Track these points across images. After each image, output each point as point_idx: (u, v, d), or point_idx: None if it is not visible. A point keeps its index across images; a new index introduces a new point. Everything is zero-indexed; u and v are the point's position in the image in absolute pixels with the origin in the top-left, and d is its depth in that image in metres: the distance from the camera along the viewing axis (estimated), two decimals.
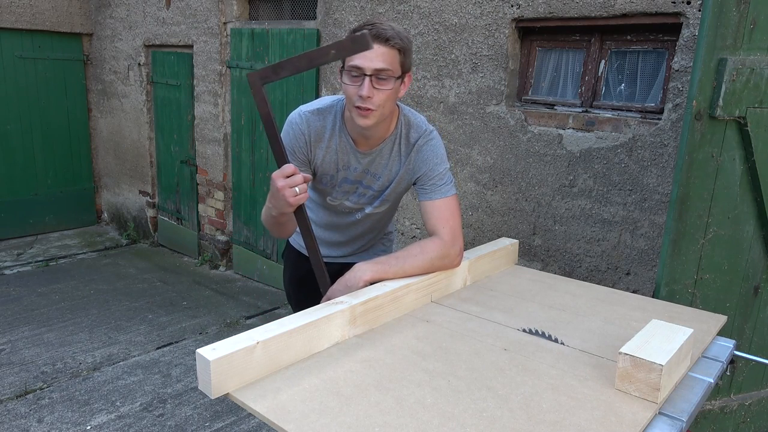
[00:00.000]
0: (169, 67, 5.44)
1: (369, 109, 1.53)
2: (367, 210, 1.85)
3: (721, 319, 1.62)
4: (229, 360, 1.16)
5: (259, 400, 1.14)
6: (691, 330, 1.30)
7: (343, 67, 1.57)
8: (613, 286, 2.71)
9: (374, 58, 1.50)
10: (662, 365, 1.13)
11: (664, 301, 1.79)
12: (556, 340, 1.44)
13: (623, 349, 1.19)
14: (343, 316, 1.39)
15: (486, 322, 1.54)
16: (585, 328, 1.52)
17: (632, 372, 1.18)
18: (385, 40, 1.50)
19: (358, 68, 1.51)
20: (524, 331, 1.49)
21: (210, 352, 1.15)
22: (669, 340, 1.24)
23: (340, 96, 1.75)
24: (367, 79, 1.50)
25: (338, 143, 1.72)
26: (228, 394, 1.17)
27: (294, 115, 1.72)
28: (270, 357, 1.24)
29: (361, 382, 1.22)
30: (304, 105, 1.75)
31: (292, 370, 1.26)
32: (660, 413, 1.16)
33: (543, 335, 1.47)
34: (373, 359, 1.32)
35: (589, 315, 1.62)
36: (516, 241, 2.06)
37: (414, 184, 1.77)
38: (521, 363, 1.32)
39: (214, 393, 1.15)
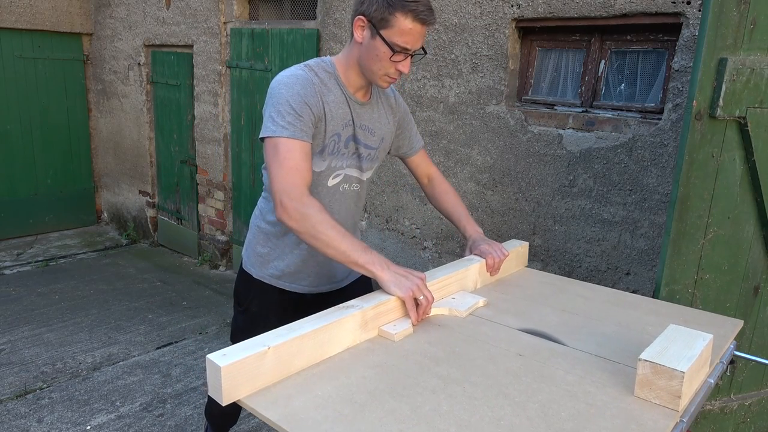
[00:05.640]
0: (169, 67, 5.44)
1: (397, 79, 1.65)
2: (358, 175, 1.80)
3: (737, 324, 1.58)
4: (240, 366, 1.13)
5: (272, 408, 1.11)
6: (711, 335, 1.27)
7: (378, 34, 1.53)
8: (613, 286, 2.71)
9: (420, 39, 1.58)
10: (683, 372, 1.10)
11: (679, 305, 1.75)
12: (570, 345, 1.41)
13: (643, 356, 1.16)
14: (354, 321, 1.37)
15: (498, 326, 1.52)
16: (599, 333, 1.49)
17: (652, 379, 1.14)
18: (430, 24, 1.57)
19: (407, 50, 1.57)
20: (537, 335, 1.47)
21: (220, 357, 1.12)
22: (689, 346, 1.21)
23: (318, 58, 1.70)
24: (409, 57, 1.59)
25: (339, 95, 1.67)
26: (239, 401, 1.14)
27: (290, 71, 1.62)
28: (281, 362, 1.21)
29: (374, 388, 1.19)
30: (285, 69, 1.66)
31: (304, 376, 1.23)
32: None
33: (557, 340, 1.44)
34: (386, 365, 1.29)
35: (602, 319, 1.59)
36: (526, 243, 2.03)
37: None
38: (536, 369, 1.29)
39: (225, 399, 1.12)
